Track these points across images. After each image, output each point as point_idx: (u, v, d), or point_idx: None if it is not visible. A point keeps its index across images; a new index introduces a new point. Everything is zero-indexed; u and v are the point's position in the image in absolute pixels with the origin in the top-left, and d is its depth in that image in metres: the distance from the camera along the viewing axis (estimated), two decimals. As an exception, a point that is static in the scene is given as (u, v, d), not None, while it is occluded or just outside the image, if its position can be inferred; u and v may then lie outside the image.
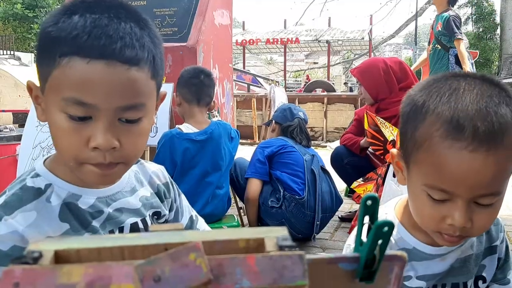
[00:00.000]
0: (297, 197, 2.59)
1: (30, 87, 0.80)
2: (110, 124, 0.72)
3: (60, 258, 0.33)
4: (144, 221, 0.93)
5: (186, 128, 2.34)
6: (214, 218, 2.48)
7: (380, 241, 0.38)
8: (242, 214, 2.94)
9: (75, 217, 0.83)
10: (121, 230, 0.88)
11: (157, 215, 0.99)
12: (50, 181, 0.82)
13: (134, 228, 0.90)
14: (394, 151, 0.82)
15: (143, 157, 3.65)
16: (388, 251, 0.39)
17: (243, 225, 2.82)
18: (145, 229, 0.93)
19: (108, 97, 0.71)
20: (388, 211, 0.89)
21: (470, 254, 0.84)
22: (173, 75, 3.52)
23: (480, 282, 0.86)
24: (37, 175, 0.83)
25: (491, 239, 0.87)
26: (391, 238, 0.82)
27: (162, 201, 1.01)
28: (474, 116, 0.67)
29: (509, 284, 0.88)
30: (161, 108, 3.51)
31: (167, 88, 3.42)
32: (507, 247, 0.90)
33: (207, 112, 2.51)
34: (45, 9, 16.31)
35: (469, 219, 0.70)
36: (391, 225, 0.37)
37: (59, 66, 0.70)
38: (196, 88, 2.41)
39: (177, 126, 2.41)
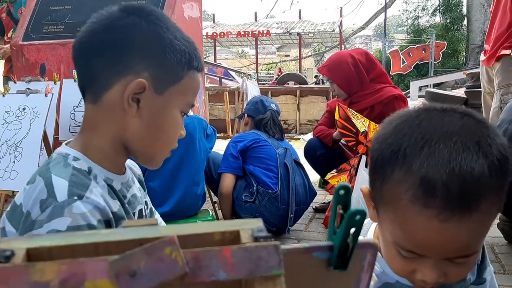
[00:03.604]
0: (270, 191, 2.60)
1: (144, 86, 0.86)
2: None
3: (32, 256, 0.32)
4: (145, 208, 1.01)
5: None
6: (188, 214, 2.47)
7: (352, 229, 0.39)
8: (217, 208, 2.94)
9: (117, 198, 0.90)
10: (133, 215, 0.96)
11: (146, 204, 1.05)
12: (89, 164, 0.88)
13: (140, 214, 0.99)
14: (364, 189, 0.75)
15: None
16: (361, 239, 0.39)
17: (218, 220, 2.82)
18: (150, 215, 1.05)
19: None
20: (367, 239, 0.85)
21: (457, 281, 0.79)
22: (144, 69, 3.48)
23: None
24: (77, 159, 0.87)
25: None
26: (373, 274, 0.79)
27: (144, 191, 1.08)
28: (447, 179, 0.59)
29: (485, 282, 0.85)
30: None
31: (138, 82, 3.38)
32: (484, 249, 0.86)
33: None
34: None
35: (442, 274, 0.66)
36: (363, 213, 0.38)
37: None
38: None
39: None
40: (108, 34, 0.88)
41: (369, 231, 0.86)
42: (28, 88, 3.22)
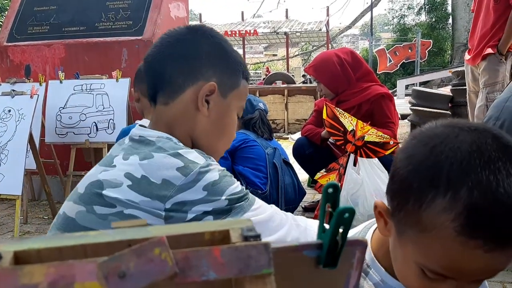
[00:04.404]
0: (259, 191, 2.60)
1: (214, 89, 1.03)
2: None
3: (20, 259, 0.32)
4: None
5: (146, 123, 2.30)
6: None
7: (341, 227, 0.39)
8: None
9: None
10: None
11: None
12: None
13: None
14: (378, 203, 0.73)
15: (101, 155, 3.55)
16: (350, 236, 0.40)
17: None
18: None
19: None
20: (367, 256, 0.82)
21: None
22: (130, 69, 3.45)
23: None
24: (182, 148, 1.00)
25: None
26: (370, 283, 0.79)
27: None
28: (495, 210, 0.56)
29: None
30: (118, 104, 3.47)
31: (124, 83, 3.36)
32: None
33: None
34: None
35: None
36: (351, 211, 0.38)
37: None
38: (155, 82, 2.37)
39: (137, 122, 2.36)
40: (182, 46, 1.05)
41: (367, 236, 0.85)
42: (13, 90, 3.18)
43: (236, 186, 1.01)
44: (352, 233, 0.85)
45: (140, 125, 1.11)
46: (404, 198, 0.65)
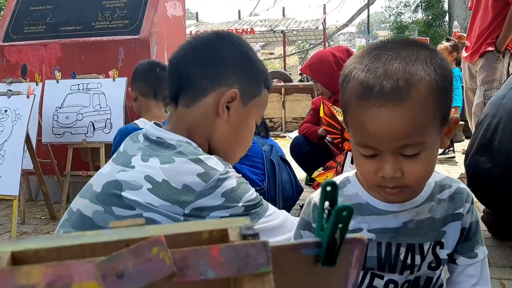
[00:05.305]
0: (257, 188, 2.59)
1: (235, 96, 1.05)
2: None
3: (17, 259, 0.32)
4: None
5: (142, 123, 2.29)
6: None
7: (340, 225, 0.39)
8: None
9: None
10: None
11: None
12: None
13: None
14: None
15: (98, 154, 3.52)
16: (348, 235, 0.40)
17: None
18: None
19: None
20: (350, 174, 0.94)
21: (428, 217, 0.87)
22: (126, 68, 3.44)
23: (437, 248, 0.88)
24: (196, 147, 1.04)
25: (455, 206, 0.89)
26: (346, 195, 0.90)
27: None
28: (381, 76, 0.74)
29: (476, 257, 0.90)
30: (115, 104, 3.47)
31: (120, 82, 3.35)
32: (477, 221, 0.92)
33: (164, 107, 2.47)
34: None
35: (397, 169, 0.76)
36: (350, 209, 0.38)
37: None
38: (152, 81, 2.36)
39: (134, 121, 2.36)
40: (208, 51, 1.06)
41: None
42: (10, 90, 3.17)
43: (252, 193, 1.04)
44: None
45: (156, 124, 1.11)
46: (340, 98, 0.86)
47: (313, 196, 0.94)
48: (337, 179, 0.96)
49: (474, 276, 0.90)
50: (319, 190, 0.94)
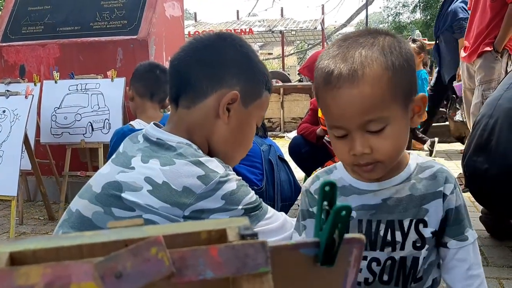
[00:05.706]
0: (255, 187, 2.59)
1: (236, 98, 1.05)
2: None
3: (16, 260, 0.32)
4: None
5: (138, 124, 2.28)
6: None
7: (339, 225, 0.39)
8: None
9: None
10: None
11: None
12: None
13: None
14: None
15: (97, 155, 3.53)
16: (347, 235, 0.40)
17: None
18: None
19: None
20: (339, 162, 0.98)
21: (407, 195, 0.91)
22: (125, 69, 3.44)
23: (421, 226, 0.90)
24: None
25: (436, 184, 0.91)
26: (333, 179, 0.90)
27: None
28: (339, 61, 0.81)
29: (467, 240, 0.91)
30: (114, 104, 3.46)
31: (119, 82, 3.35)
32: (464, 204, 0.94)
33: (161, 110, 2.46)
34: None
35: (366, 146, 0.81)
36: (348, 209, 0.38)
37: None
38: (150, 82, 2.36)
39: (129, 123, 2.36)
40: (209, 52, 1.06)
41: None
42: (8, 90, 3.16)
43: (252, 196, 1.04)
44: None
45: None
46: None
47: (305, 184, 0.99)
48: (327, 167, 1.01)
49: (466, 260, 0.91)
50: (310, 178, 1.02)
